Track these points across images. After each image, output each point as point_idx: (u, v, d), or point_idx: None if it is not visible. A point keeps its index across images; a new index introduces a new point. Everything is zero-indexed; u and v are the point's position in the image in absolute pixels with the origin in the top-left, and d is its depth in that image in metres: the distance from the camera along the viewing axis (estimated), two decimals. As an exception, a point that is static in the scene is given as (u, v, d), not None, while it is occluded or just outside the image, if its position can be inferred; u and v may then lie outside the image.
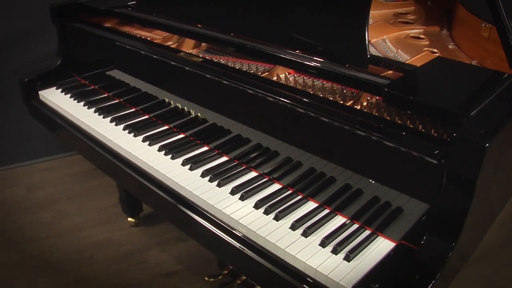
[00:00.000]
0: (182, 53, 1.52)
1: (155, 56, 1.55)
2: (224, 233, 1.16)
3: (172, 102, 1.61)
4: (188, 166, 1.35)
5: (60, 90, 1.89)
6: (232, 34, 1.50)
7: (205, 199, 1.22)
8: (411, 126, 1.11)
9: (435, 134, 1.07)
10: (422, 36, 1.78)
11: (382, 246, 1.06)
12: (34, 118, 1.98)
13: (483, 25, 1.55)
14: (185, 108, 1.56)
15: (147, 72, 1.69)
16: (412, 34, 1.79)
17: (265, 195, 1.22)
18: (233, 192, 1.24)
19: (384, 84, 1.09)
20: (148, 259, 2.22)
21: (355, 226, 1.12)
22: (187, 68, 1.45)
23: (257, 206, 1.18)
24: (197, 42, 1.72)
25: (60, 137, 1.88)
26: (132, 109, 1.72)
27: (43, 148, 2.96)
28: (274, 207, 1.17)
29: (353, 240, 1.07)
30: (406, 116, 1.15)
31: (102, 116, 1.67)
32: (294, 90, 1.26)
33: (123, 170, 1.47)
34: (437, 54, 1.57)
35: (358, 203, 1.17)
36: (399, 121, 1.14)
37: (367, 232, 1.10)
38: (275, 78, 1.41)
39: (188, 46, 1.73)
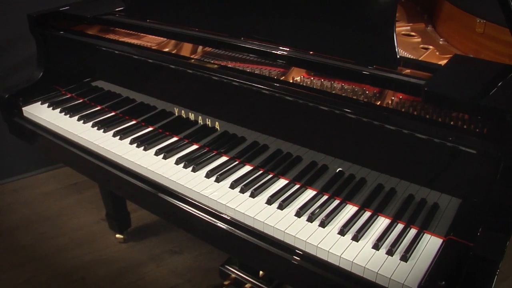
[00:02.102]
0: (193, 60, 1.46)
1: (165, 64, 1.47)
2: (264, 242, 1.14)
3: (174, 111, 1.54)
4: (214, 178, 1.31)
5: (46, 105, 1.77)
6: (242, 38, 1.46)
7: (243, 211, 1.18)
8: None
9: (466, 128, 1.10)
10: (412, 33, 1.83)
11: (431, 243, 1.08)
12: (16, 136, 1.84)
13: (477, 21, 1.62)
14: (192, 117, 1.50)
15: (145, 81, 1.62)
16: (403, 32, 1.83)
17: (303, 202, 1.21)
18: (269, 201, 1.21)
19: (421, 84, 1.10)
20: (144, 275, 2.13)
21: (401, 225, 1.13)
22: (200, 75, 1.39)
23: (299, 214, 1.16)
24: (194, 48, 1.67)
25: (52, 156, 1.76)
26: (132, 121, 1.64)
27: (12, 167, 2.75)
28: (316, 214, 1.16)
29: (403, 240, 1.08)
30: (436, 113, 1.17)
31: (102, 130, 1.58)
32: (325, 92, 1.25)
33: (136, 186, 1.40)
34: (435, 51, 1.62)
35: (395, 202, 1.18)
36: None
37: (414, 231, 1.11)
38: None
39: (186, 52, 1.67)
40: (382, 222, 1.15)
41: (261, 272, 1.76)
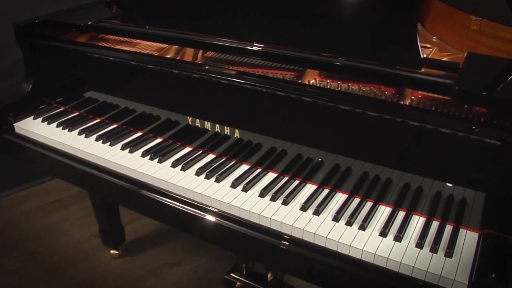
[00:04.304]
0: (207, 66, 1.42)
1: (178, 72, 1.42)
2: (307, 250, 1.13)
3: (182, 120, 1.49)
4: (241, 188, 1.28)
5: (40, 119, 1.67)
6: (255, 42, 1.43)
7: (279, 220, 1.17)
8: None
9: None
10: (406, 32, 1.87)
11: (469, 237, 1.11)
12: (7, 154, 1.73)
13: (473, 19, 1.67)
14: (203, 125, 1.45)
15: (148, 90, 1.57)
16: (397, 31, 1.86)
17: (338, 206, 1.21)
18: (304, 208, 1.20)
19: (450, 84, 1.13)
20: (146, 290, 2.07)
21: (436, 223, 1.15)
22: (210, 79, 1.36)
23: (336, 219, 1.16)
24: (195, 55, 1.63)
25: (48, 172, 1.66)
26: (138, 132, 1.57)
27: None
28: (354, 218, 1.16)
29: (442, 236, 1.10)
30: (458, 110, 1.20)
31: (108, 144, 1.51)
32: (349, 94, 1.26)
33: (153, 200, 1.35)
34: (438, 50, 1.66)
35: (425, 200, 1.19)
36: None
37: (450, 227, 1.13)
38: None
39: (188, 59, 1.62)
40: (418, 221, 1.16)
41: (269, 277, 1.75)
